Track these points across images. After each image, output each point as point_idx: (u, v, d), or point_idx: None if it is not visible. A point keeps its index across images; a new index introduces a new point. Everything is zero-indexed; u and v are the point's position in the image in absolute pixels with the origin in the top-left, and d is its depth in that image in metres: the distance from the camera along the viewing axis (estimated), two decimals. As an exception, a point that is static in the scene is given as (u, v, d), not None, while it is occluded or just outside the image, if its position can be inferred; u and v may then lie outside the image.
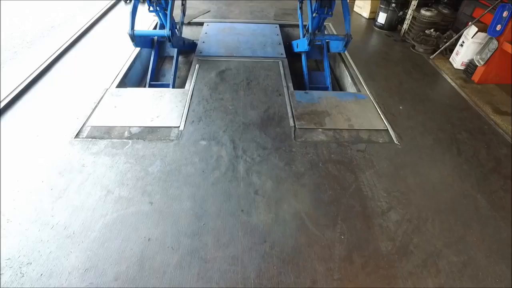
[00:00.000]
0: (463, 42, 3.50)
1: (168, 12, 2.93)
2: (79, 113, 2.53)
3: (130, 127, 2.41)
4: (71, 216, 1.77)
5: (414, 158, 2.29)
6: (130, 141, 2.29)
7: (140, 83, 3.44)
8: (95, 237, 1.68)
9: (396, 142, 2.39)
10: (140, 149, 2.23)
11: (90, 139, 2.30)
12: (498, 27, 3.03)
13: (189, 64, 3.60)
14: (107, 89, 2.81)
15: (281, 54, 3.28)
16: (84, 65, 3.21)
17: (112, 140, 2.30)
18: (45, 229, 1.71)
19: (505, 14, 2.94)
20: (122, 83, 3.01)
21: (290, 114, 2.54)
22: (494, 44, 3.10)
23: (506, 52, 3.03)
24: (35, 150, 2.19)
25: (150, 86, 3.17)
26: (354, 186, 2.03)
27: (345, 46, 2.91)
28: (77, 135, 2.33)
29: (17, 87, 2.77)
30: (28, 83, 2.85)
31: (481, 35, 3.29)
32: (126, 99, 2.68)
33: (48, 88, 2.84)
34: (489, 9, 3.21)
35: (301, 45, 3.18)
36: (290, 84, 2.85)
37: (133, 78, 3.28)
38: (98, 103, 2.65)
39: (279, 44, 3.49)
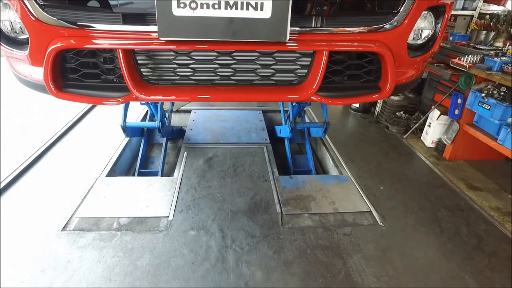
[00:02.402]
0: (430, 123, 3.86)
1: (158, 105, 3.17)
2: (68, 204, 2.54)
3: (119, 217, 2.42)
4: (52, 322, 1.69)
5: (399, 239, 2.35)
6: (118, 233, 2.28)
7: (129, 169, 3.53)
8: None
9: (380, 223, 2.47)
10: (129, 241, 2.21)
11: (77, 232, 2.28)
12: (456, 111, 3.40)
13: (177, 150, 3.76)
14: (97, 178, 2.87)
15: (265, 139, 3.51)
16: (75, 154, 3.31)
17: (101, 232, 2.29)
18: None
19: (459, 101, 3.33)
20: (112, 172, 3.09)
21: (276, 200, 2.63)
22: (456, 126, 3.44)
23: (467, 133, 3.34)
24: (18, 246, 2.15)
25: (139, 173, 3.25)
26: (344, 272, 2.04)
27: (325, 132, 3.17)
28: (64, 228, 2.31)
29: (5, 178, 2.80)
30: (17, 174, 2.89)
31: (444, 117, 3.65)
32: (115, 189, 2.73)
33: (38, 178, 2.88)
34: (446, 96, 3.62)
35: (283, 131, 3.43)
36: (275, 169, 3.00)
37: (122, 165, 3.38)
38: (88, 193, 2.68)
39: (263, 129, 3.74)
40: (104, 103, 1.25)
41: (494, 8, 4.11)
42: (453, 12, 4.11)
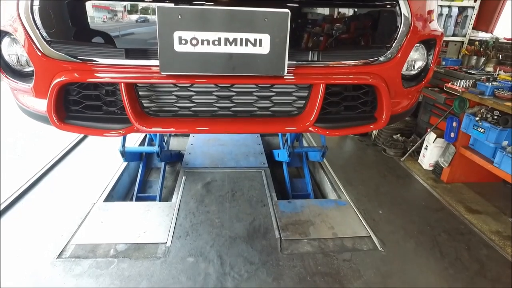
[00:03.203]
0: (426, 146, 3.89)
1: (158, 130, 3.19)
2: (64, 230, 2.51)
3: (116, 244, 2.39)
4: None
5: (400, 265, 2.33)
6: (115, 259, 2.25)
7: (127, 194, 3.51)
8: None
9: (380, 248, 2.45)
10: (126, 268, 2.18)
11: (73, 259, 2.25)
12: (452, 134, 3.44)
13: (175, 174, 3.76)
14: (94, 203, 2.86)
15: (263, 163, 3.52)
16: (73, 178, 3.30)
17: (97, 259, 2.25)
18: None
19: (454, 124, 3.39)
20: (110, 196, 3.07)
21: (275, 225, 2.61)
22: (452, 148, 3.47)
23: (464, 155, 3.37)
24: (12, 275, 2.10)
25: (137, 198, 3.24)
26: (345, 300, 2.01)
27: (322, 156, 3.19)
28: (59, 255, 2.28)
29: (2, 203, 2.78)
30: (14, 199, 2.86)
31: (440, 140, 3.69)
32: (113, 214, 2.71)
33: (34, 204, 2.86)
34: (441, 119, 3.68)
35: (281, 155, 3.45)
36: (274, 194, 2.99)
37: (120, 190, 3.37)
38: (85, 218, 2.66)
39: (261, 153, 3.76)
40: (105, 135, 1.27)
41: (482, 35, 4.26)
42: (444, 39, 4.24)
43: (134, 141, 4.17)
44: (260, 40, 1.11)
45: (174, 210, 2.77)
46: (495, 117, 2.95)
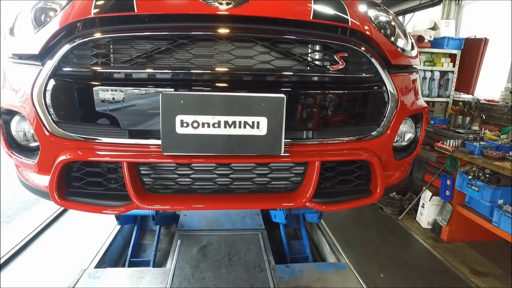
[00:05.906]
0: (423, 204, 3.89)
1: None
2: (50, 302, 2.38)
3: (105, 318, 2.26)
4: None
5: (407, 337, 2.20)
6: (103, 337, 2.10)
7: (120, 258, 3.38)
8: None
9: (384, 318, 2.33)
10: None
11: (56, 337, 2.10)
12: (447, 193, 3.47)
13: (169, 236, 3.66)
14: (84, 270, 2.73)
15: (260, 225, 3.46)
16: (63, 243, 3.20)
17: (83, 337, 2.10)
18: None
19: (448, 182, 3.43)
20: (102, 262, 2.95)
21: (274, 293, 2.50)
22: (449, 207, 3.47)
23: (462, 214, 3.35)
24: None
25: (130, 263, 3.11)
26: None
27: (319, 217, 3.16)
28: (42, 331, 2.13)
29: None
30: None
31: (436, 198, 3.70)
32: (104, 282, 2.59)
33: (20, 271, 2.73)
34: (435, 177, 3.73)
35: (278, 216, 3.40)
36: (271, 258, 2.90)
37: (113, 254, 3.25)
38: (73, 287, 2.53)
39: (257, 214, 3.70)
40: (104, 213, 1.28)
41: (465, 96, 4.52)
42: (430, 99, 4.50)
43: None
44: (258, 123, 1.18)
45: (168, 277, 2.65)
46: (487, 175, 3.01)
